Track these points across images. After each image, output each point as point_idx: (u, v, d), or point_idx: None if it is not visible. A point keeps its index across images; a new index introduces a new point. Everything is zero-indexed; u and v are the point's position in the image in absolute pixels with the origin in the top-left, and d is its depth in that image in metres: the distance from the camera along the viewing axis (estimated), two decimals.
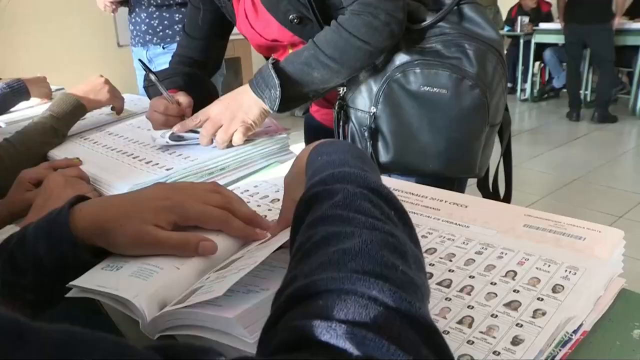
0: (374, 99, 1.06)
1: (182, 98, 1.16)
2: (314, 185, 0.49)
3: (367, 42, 0.99)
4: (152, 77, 1.15)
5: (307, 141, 1.42)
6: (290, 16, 1.06)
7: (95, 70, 3.97)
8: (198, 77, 1.32)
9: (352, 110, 1.10)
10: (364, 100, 1.08)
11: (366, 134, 1.06)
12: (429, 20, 1.04)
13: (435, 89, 1.00)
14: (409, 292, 0.34)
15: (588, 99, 6.09)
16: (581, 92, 6.03)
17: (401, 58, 1.03)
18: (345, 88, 1.10)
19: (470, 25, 1.04)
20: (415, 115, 1.03)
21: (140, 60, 1.26)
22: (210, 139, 1.05)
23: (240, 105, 1.05)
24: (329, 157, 0.54)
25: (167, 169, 0.96)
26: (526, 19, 6.47)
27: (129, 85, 1.63)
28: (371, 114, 1.06)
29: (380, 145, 1.07)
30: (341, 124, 1.12)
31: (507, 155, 1.22)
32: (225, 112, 1.05)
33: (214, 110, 1.06)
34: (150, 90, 1.28)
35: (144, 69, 1.16)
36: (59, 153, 1.14)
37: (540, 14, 6.68)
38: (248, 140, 1.06)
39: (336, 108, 1.12)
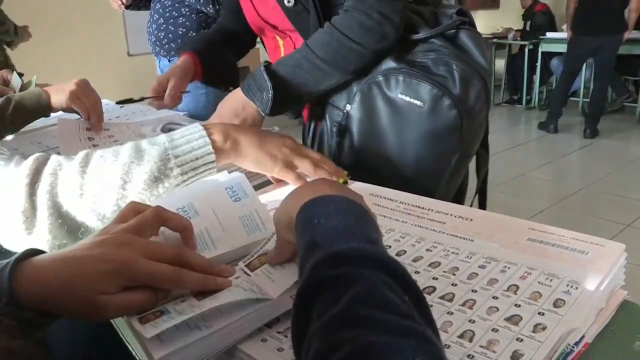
0: (351, 97, 1.05)
1: (175, 81, 1.29)
2: (318, 265, 0.43)
3: (358, 43, 0.99)
4: None
5: None
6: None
7: (105, 79, 4.02)
8: (219, 48, 1.39)
9: (329, 107, 1.10)
10: (342, 98, 1.07)
11: (335, 129, 1.06)
12: (422, 34, 1.04)
13: (412, 100, 0.99)
14: None
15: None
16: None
17: (388, 63, 1.03)
18: None
19: (463, 48, 1.04)
20: (388, 122, 1.02)
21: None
22: None
23: (235, 113, 1.07)
24: (328, 221, 0.48)
25: None
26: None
27: (141, 94, 1.65)
28: (345, 111, 1.06)
29: (346, 144, 1.07)
30: (314, 120, 1.12)
31: (482, 196, 1.20)
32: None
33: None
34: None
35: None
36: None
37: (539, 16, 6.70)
38: None
39: (312, 103, 1.12)
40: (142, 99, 1.30)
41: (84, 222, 0.72)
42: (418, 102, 0.99)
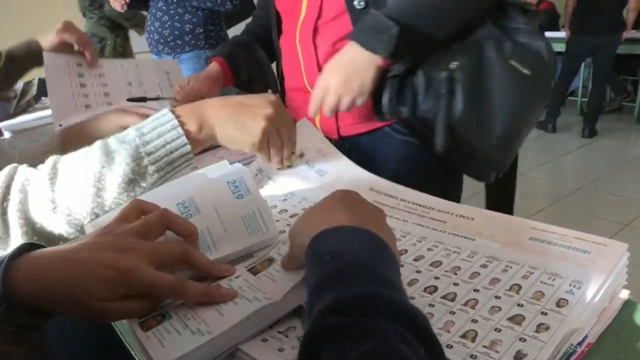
0: (458, 52, 0.98)
1: (193, 83, 1.27)
2: (327, 310, 0.39)
3: None
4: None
5: None
6: None
7: None
8: (251, 51, 1.37)
9: (425, 65, 1.00)
10: (442, 57, 0.99)
11: (443, 83, 0.97)
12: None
13: (522, 68, 0.95)
14: None
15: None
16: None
17: (492, 29, 0.97)
18: None
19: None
20: (495, 84, 0.96)
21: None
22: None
23: (353, 69, 0.96)
24: (341, 259, 0.45)
25: None
26: None
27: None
28: (452, 66, 0.97)
29: (455, 99, 0.98)
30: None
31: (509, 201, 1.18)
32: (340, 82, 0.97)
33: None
34: None
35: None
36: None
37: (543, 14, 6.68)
38: None
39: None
40: (157, 98, 1.26)
41: (61, 235, 0.70)
42: (526, 71, 0.95)
